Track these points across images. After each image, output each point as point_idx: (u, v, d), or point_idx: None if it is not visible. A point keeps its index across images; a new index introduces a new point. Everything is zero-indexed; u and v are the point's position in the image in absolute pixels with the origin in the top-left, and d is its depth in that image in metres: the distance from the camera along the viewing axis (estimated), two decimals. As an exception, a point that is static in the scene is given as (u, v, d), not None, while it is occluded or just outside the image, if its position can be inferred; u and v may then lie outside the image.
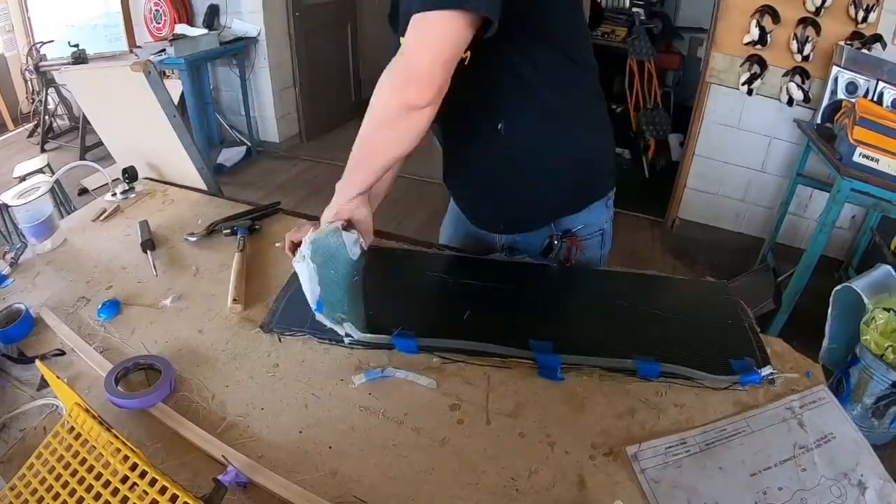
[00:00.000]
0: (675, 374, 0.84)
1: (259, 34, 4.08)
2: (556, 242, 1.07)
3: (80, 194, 3.48)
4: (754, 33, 2.78)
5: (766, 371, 0.83)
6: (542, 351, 0.87)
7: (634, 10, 4.09)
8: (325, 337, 0.93)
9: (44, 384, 0.85)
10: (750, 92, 2.93)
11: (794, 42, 2.74)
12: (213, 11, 4.09)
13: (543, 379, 0.86)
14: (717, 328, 0.95)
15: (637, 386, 0.84)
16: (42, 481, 0.67)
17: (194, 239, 1.22)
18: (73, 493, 0.65)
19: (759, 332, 0.93)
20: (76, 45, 3.85)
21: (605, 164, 1.11)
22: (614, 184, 1.12)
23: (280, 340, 0.94)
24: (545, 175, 1.04)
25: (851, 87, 2.58)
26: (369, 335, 0.92)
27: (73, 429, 0.69)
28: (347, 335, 0.91)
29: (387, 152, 0.90)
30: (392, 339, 0.91)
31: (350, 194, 0.94)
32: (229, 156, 4.25)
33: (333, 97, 4.94)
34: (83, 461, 0.67)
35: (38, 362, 0.78)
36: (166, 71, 3.75)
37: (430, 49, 0.78)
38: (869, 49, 2.57)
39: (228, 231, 1.24)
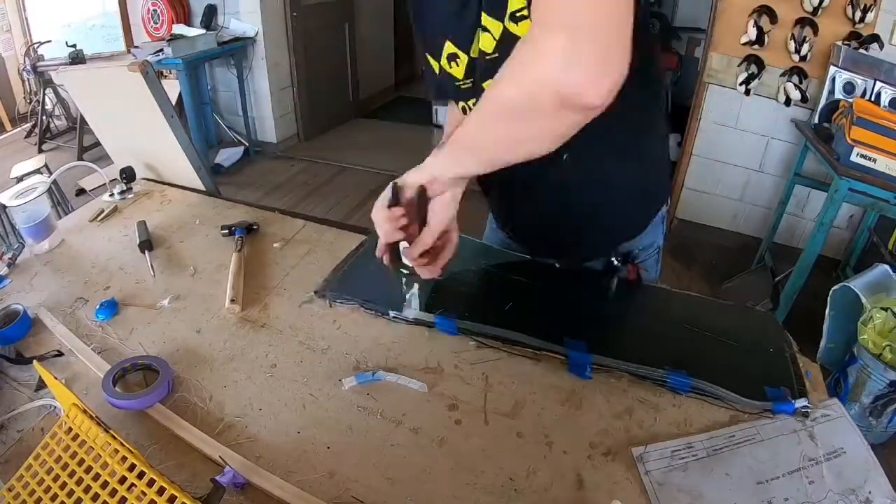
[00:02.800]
0: (704, 390, 0.82)
1: (257, 34, 4.08)
2: (616, 266, 1.02)
3: (77, 195, 3.48)
4: (752, 33, 2.78)
5: (800, 403, 0.80)
6: (575, 349, 0.88)
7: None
8: (372, 308, 0.99)
9: (41, 385, 0.85)
10: (747, 92, 2.94)
11: (792, 42, 2.74)
12: (210, 12, 4.09)
13: (542, 378, 0.86)
14: (757, 354, 0.92)
15: (635, 386, 0.84)
16: (40, 482, 0.67)
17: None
18: (70, 493, 0.64)
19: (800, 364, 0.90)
20: (74, 46, 3.85)
21: (664, 184, 1.05)
22: (668, 193, 1.06)
23: (331, 306, 1.01)
24: (608, 205, 0.95)
25: (849, 87, 2.59)
26: (414, 312, 0.96)
27: (70, 430, 0.69)
28: (406, 305, 0.96)
29: (518, 151, 0.71)
30: (435, 318, 0.94)
31: (451, 171, 0.77)
32: (227, 156, 4.25)
33: (331, 97, 4.94)
34: (81, 462, 0.67)
35: (35, 363, 0.78)
36: (164, 71, 3.75)
37: (611, 13, 0.56)
38: (866, 49, 2.57)
39: (226, 231, 1.23)
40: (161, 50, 3.56)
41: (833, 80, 2.61)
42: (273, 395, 0.84)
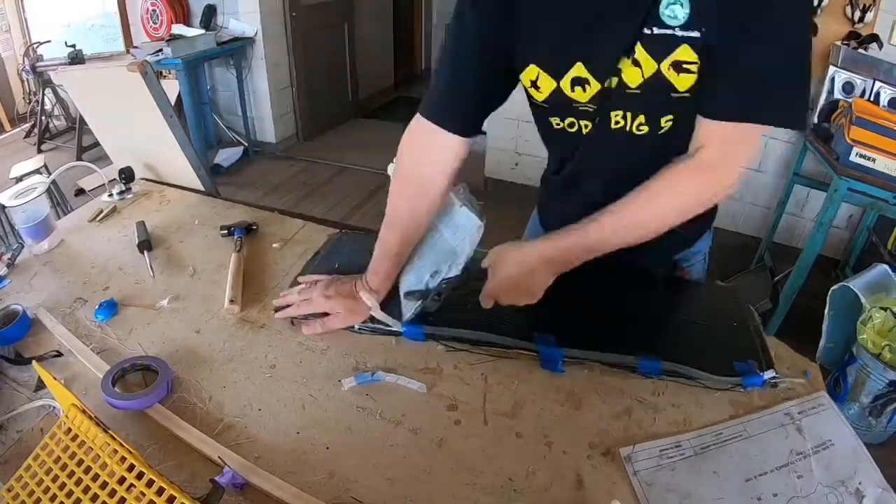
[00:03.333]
0: (676, 372, 0.84)
1: (256, 34, 4.08)
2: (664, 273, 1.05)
3: (76, 195, 3.48)
4: (751, 33, 2.78)
5: (768, 374, 0.83)
6: (544, 344, 0.88)
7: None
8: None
9: (41, 385, 0.85)
10: (747, 92, 2.93)
11: (791, 42, 2.74)
12: (209, 12, 4.08)
13: (542, 378, 0.86)
14: (723, 330, 0.95)
15: (634, 386, 0.84)
16: (39, 483, 0.67)
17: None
18: (70, 494, 0.64)
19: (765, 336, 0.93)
20: (73, 46, 3.84)
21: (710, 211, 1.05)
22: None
23: (293, 324, 0.97)
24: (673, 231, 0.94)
25: (848, 87, 2.59)
26: (381, 320, 0.94)
27: (70, 430, 0.69)
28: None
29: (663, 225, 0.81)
30: (402, 328, 0.93)
31: (564, 254, 0.83)
32: (226, 156, 4.24)
33: (330, 97, 4.94)
34: (80, 462, 0.67)
35: (34, 363, 0.78)
36: (163, 71, 3.74)
37: (741, 163, 0.76)
38: (865, 49, 2.58)
39: (225, 232, 1.23)
40: (160, 50, 3.56)
41: (832, 79, 2.61)
42: (272, 396, 0.84)
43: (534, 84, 0.84)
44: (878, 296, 1.85)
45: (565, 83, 0.80)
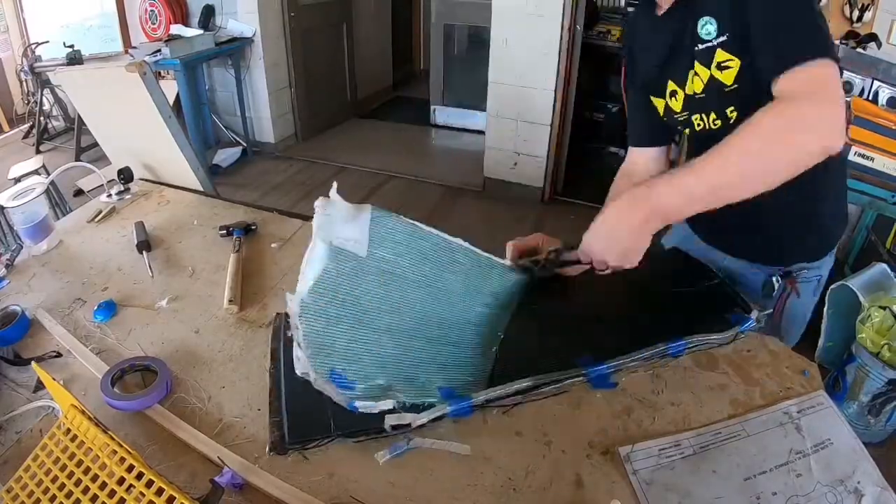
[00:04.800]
0: (694, 345, 0.89)
1: (254, 34, 4.07)
2: (776, 281, 1.08)
3: (75, 195, 3.47)
4: (750, 33, 2.78)
5: (754, 314, 0.92)
6: (587, 365, 0.85)
7: (630, 9, 4.10)
8: (364, 431, 0.76)
9: (40, 386, 0.85)
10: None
11: (790, 41, 2.74)
12: (208, 12, 4.08)
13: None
14: (700, 292, 1.01)
15: (633, 384, 0.84)
16: (38, 483, 0.67)
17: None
18: (69, 495, 0.64)
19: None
20: (71, 46, 3.83)
21: (840, 230, 1.13)
22: (841, 234, 1.13)
23: (306, 458, 0.74)
24: (801, 222, 1.05)
25: (847, 87, 2.58)
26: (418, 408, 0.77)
27: (69, 431, 0.69)
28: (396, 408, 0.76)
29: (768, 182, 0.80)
30: (448, 409, 0.77)
31: (679, 203, 0.82)
32: (225, 156, 4.24)
33: (329, 97, 4.93)
34: (79, 463, 0.66)
35: (34, 364, 0.78)
36: (162, 72, 3.73)
37: (821, 96, 0.77)
38: (864, 48, 2.57)
39: (224, 232, 1.23)
40: (159, 50, 3.55)
41: (831, 79, 2.61)
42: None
43: (663, 111, 1.06)
44: (877, 295, 1.85)
45: (668, 98, 1.03)
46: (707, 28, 0.88)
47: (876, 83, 2.51)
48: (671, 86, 1.01)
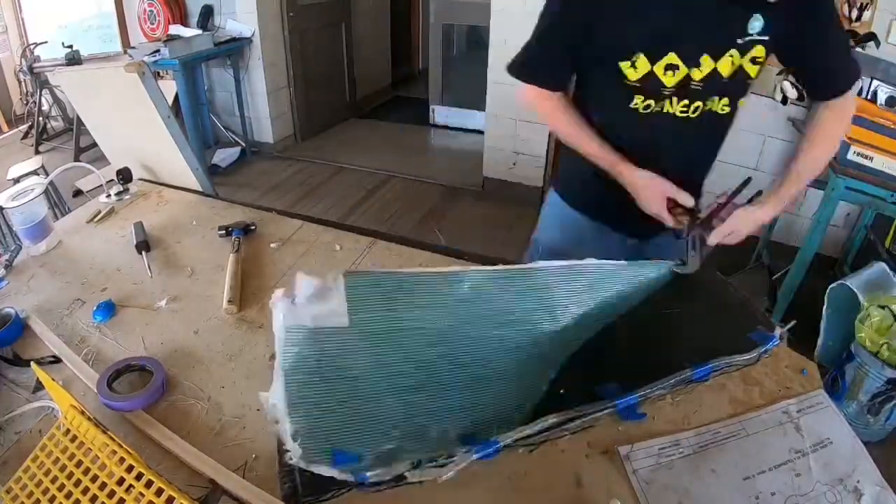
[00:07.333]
0: (720, 368, 0.85)
1: (253, 35, 4.07)
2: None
3: (74, 196, 3.47)
4: (748, 32, 2.78)
5: (777, 332, 0.91)
6: (613, 395, 0.79)
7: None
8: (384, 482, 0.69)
9: (39, 387, 0.85)
10: (744, 90, 2.93)
11: (788, 41, 2.74)
12: (207, 12, 4.07)
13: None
14: (725, 311, 1.01)
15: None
16: (38, 484, 0.67)
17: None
18: (69, 495, 0.64)
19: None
20: (70, 46, 3.83)
21: None
22: None
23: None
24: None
25: (845, 86, 2.59)
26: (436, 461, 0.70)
27: (68, 431, 0.69)
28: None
29: None
30: (474, 453, 0.71)
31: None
32: (224, 156, 4.23)
33: (328, 97, 4.93)
34: (79, 463, 0.66)
35: (33, 365, 0.78)
36: (160, 72, 3.73)
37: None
38: (863, 48, 2.57)
39: (223, 232, 1.23)
40: (157, 50, 3.55)
41: (830, 78, 2.61)
42: (271, 396, 0.83)
43: (633, 64, 1.02)
44: (876, 294, 1.84)
45: (658, 67, 1.01)
46: (754, 24, 0.98)
47: (875, 83, 2.51)
48: (671, 58, 1.00)
